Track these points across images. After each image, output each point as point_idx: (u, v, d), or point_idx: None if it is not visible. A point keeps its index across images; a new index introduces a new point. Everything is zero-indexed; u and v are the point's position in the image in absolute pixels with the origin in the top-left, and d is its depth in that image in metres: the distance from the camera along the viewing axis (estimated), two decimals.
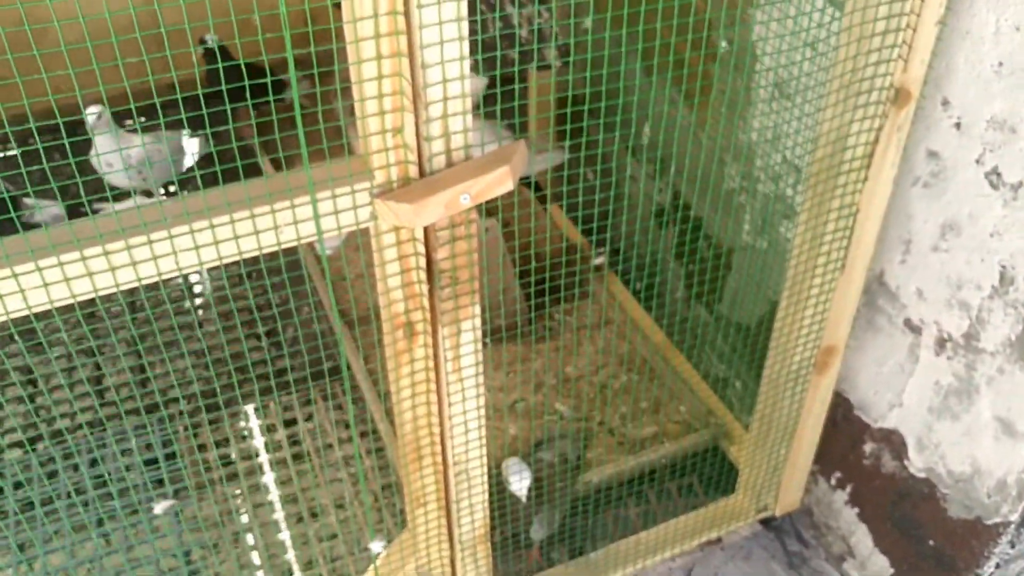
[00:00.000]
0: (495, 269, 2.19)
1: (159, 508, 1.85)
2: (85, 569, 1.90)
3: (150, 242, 0.95)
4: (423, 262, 1.12)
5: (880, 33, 1.25)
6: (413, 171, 1.04)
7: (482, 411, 1.34)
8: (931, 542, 1.71)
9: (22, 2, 0.78)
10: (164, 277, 0.98)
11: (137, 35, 0.84)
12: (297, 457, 2.14)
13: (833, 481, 1.93)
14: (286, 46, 0.89)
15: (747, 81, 1.82)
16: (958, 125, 1.39)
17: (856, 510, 1.89)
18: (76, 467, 2.06)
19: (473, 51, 0.98)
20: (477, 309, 1.21)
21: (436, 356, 1.25)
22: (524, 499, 1.75)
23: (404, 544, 1.51)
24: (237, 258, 1.00)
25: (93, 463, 2.08)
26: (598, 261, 2.45)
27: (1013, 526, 1.53)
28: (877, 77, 1.29)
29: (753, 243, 1.97)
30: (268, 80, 1.11)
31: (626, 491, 2.07)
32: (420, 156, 1.03)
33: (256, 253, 1.01)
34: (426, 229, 1.10)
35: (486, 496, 1.47)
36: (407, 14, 0.92)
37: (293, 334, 2.42)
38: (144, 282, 0.97)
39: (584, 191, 2.13)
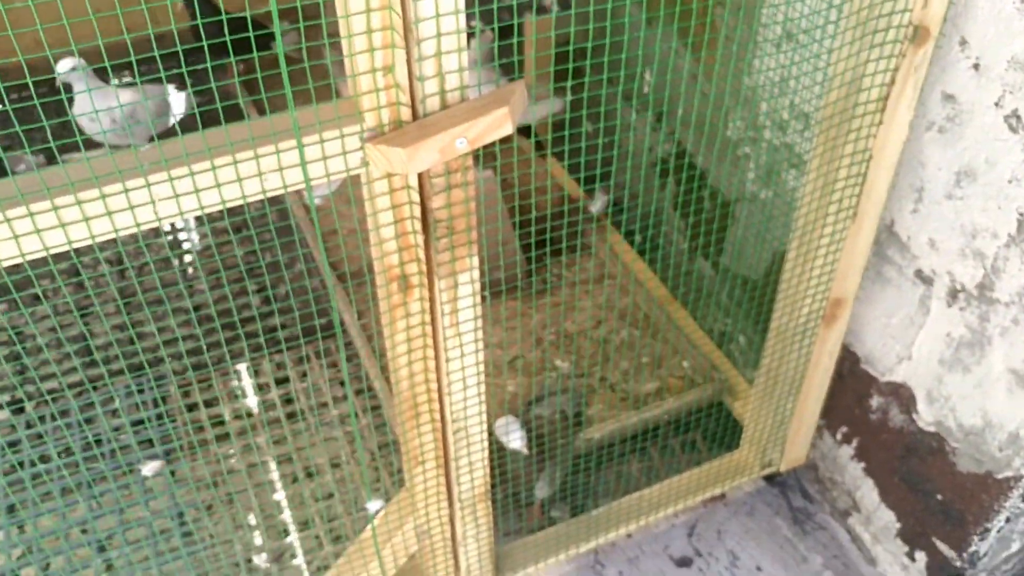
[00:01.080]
0: (492, 221, 2.13)
1: (147, 470, 1.80)
2: (77, 531, 1.87)
3: (126, 190, 0.89)
4: (418, 211, 1.06)
5: None
6: (406, 114, 0.97)
7: (481, 367, 1.29)
8: (939, 496, 1.68)
9: None
10: (144, 227, 0.93)
11: None
12: (291, 416, 2.10)
13: (839, 436, 1.89)
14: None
15: (751, 20, 1.74)
16: (976, 66, 1.33)
17: (862, 465, 1.85)
18: (66, 428, 2.02)
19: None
20: (475, 261, 1.16)
21: (433, 310, 1.19)
22: (525, 451, 1.70)
23: (402, 503, 1.47)
24: (220, 207, 0.95)
25: (82, 425, 2.03)
26: (596, 207, 2.37)
27: None
28: (895, 13, 1.23)
29: (758, 193, 1.91)
30: (251, 34, 1.03)
31: (628, 447, 2.03)
32: (413, 98, 0.97)
33: (240, 202, 0.95)
34: (420, 176, 1.05)
35: (486, 454, 1.43)
36: None
37: (284, 290, 2.37)
38: (121, 233, 0.92)
39: (584, 142, 2.06)
